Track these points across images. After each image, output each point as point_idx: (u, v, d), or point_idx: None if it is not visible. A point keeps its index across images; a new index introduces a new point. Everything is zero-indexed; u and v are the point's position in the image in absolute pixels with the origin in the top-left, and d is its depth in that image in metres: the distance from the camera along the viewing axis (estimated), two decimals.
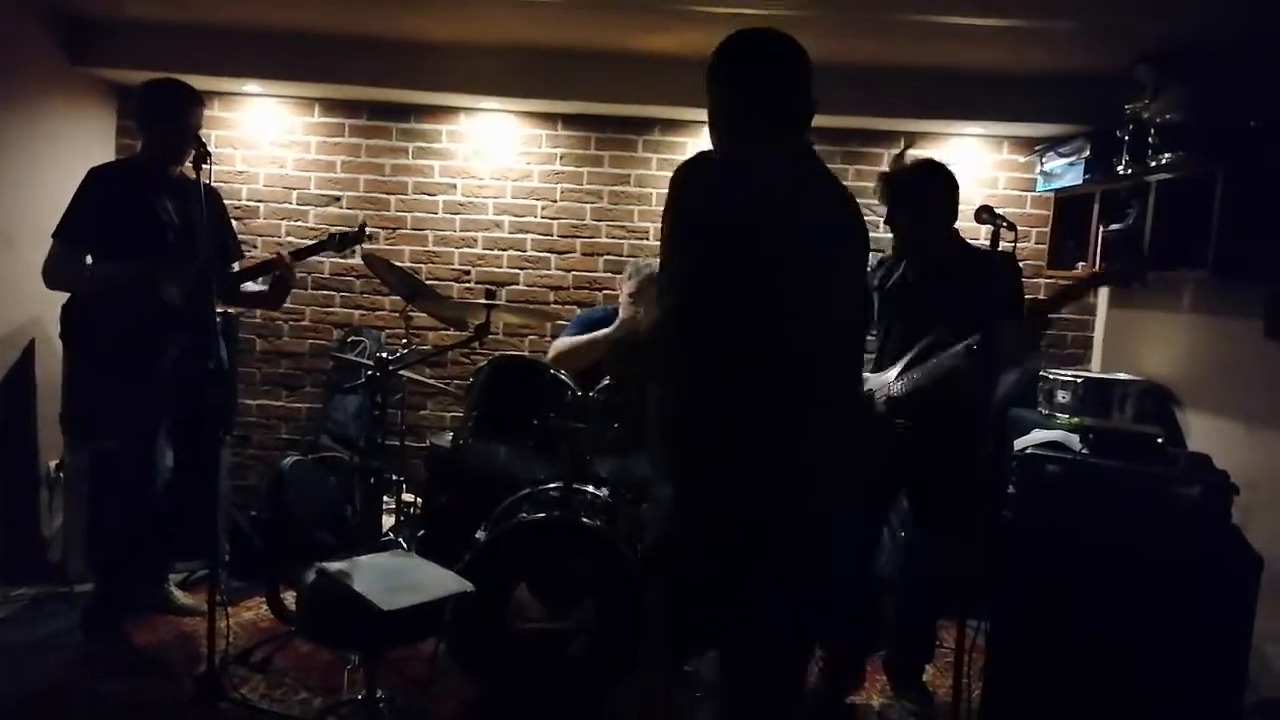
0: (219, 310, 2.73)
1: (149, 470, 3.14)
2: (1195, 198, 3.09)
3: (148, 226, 3.12)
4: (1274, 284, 3.01)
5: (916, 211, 2.93)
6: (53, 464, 3.86)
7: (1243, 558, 2.60)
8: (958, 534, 2.99)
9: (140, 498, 3.15)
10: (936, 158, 4.41)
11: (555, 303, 4.57)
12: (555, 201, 4.56)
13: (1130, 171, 3.49)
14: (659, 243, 1.84)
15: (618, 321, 3.50)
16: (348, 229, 3.47)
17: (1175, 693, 2.57)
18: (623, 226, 4.56)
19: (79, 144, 4.17)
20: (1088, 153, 3.81)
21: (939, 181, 2.94)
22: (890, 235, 3.07)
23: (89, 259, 3.13)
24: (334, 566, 2.48)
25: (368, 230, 3.48)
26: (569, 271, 4.58)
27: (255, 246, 4.33)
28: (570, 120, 4.51)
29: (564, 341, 3.58)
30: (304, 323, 4.60)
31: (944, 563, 3.02)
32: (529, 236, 4.57)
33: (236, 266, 3.42)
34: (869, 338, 3.06)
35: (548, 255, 4.58)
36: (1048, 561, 2.66)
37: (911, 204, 2.93)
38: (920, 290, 2.93)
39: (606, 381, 3.15)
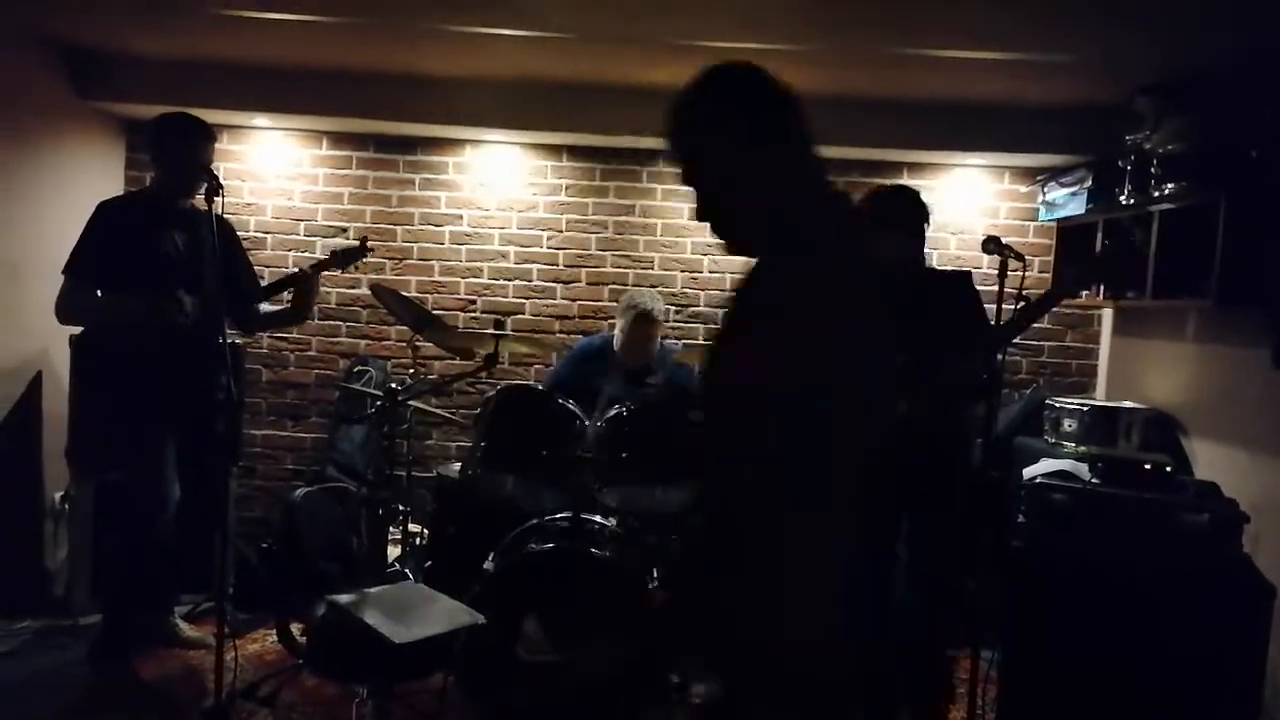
0: (228, 340, 2.74)
1: (157, 502, 3.14)
2: (1198, 227, 3.12)
3: (156, 259, 3.14)
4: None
5: (905, 232, 2.94)
6: (57, 496, 3.85)
7: (1254, 586, 2.60)
8: (959, 563, 2.98)
9: (148, 529, 3.14)
10: (939, 188, 4.50)
11: (561, 332, 4.58)
12: (561, 232, 4.59)
13: (1133, 201, 3.52)
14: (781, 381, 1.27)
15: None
16: (350, 245, 3.50)
17: None
18: (628, 256, 4.59)
19: (87, 177, 4.20)
20: (1090, 183, 3.85)
21: (915, 206, 2.96)
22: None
23: (99, 292, 3.15)
24: (344, 599, 2.47)
25: (370, 246, 3.49)
26: (574, 301, 4.60)
27: (263, 278, 4.32)
28: (575, 152, 4.55)
29: None
30: (310, 353, 4.61)
31: (946, 592, 3.01)
32: (535, 266, 4.59)
33: (264, 307, 3.47)
34: None
35: (554, 285, 4.60)
36: (1058, 590, 2.66)
37: (890, 228, 2.94)
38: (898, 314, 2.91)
39: (614, 411, 3.16)
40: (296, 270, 3.34)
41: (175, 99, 3.81)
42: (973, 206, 4.54)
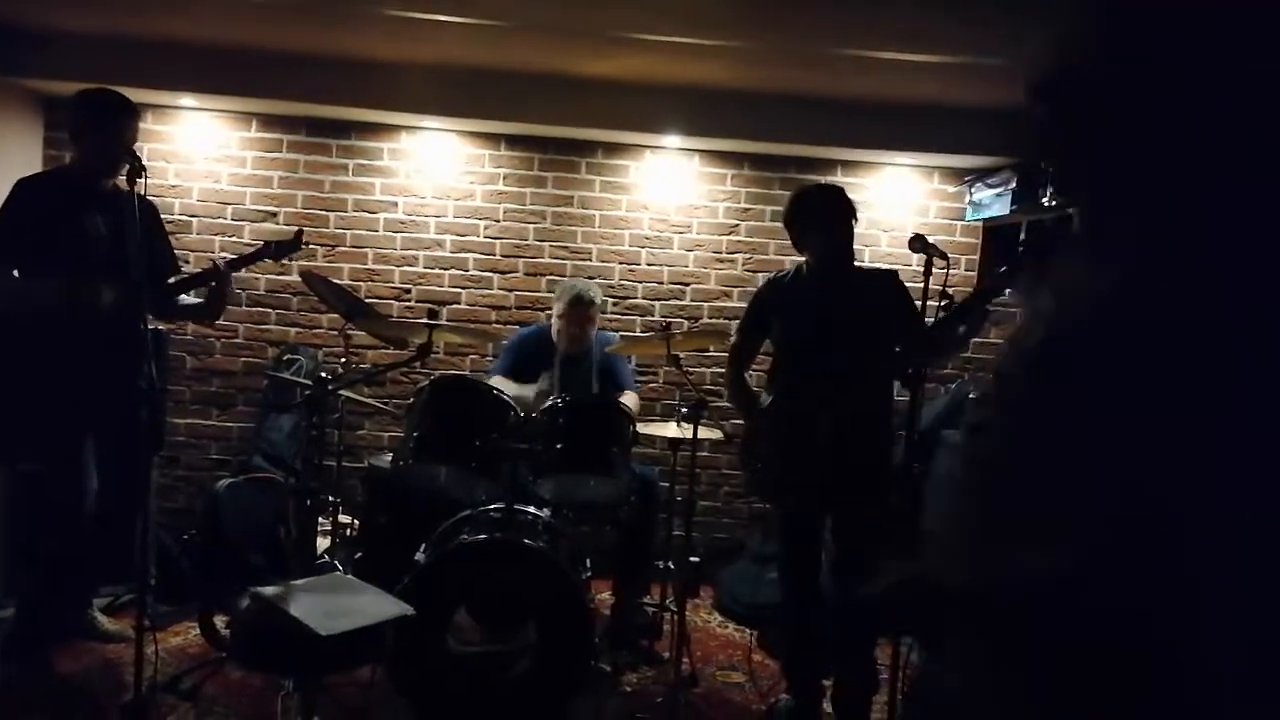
0: (150, 326, 2.67)
1: (74, 492, 3.05)
2: None
3: (76, 240, 3.04)
4: None
5: (829, 232, 2.96)
6: None
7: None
8: (883, 555, 3.04)
9: (65, 520, 3.05)
10: (871, 186, 4.59)
11: (497, 322, 4.56)
12: (498, 221, 4.56)
13: (1055, 203, 3.64)
14: None
15: None
16: (284, 238, 3.41)
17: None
18: (565, 247, 4.58)
19: (3, 155, 4.03)
20: (1014, 184, 3.97)
21: (846, 203, 2.97)
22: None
23: (15, 273, 3.03)
24: (269, 591, 2.43)
25: (304, 239, 3.41)
26: (511, 291, 4.58)
27: (188, 261, 4.22)
28: (514, 141, 4.53)
29: None
30: (237, 340, 4.51)
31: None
32: (471, 256, 4.56)
33: (182, 298, 3.34)
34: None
35: (490, 275, 4.57)
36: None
37: (823, 225, 2.96)
38: (833, 310, 2.95)
39: (549, 402, 3.16)
40: (209, 266, 3.24)
41: (98, 76, 3.67)
42: (904, 205, 4.64)
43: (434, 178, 4.53)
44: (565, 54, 3.81)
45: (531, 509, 3.11)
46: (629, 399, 3.67)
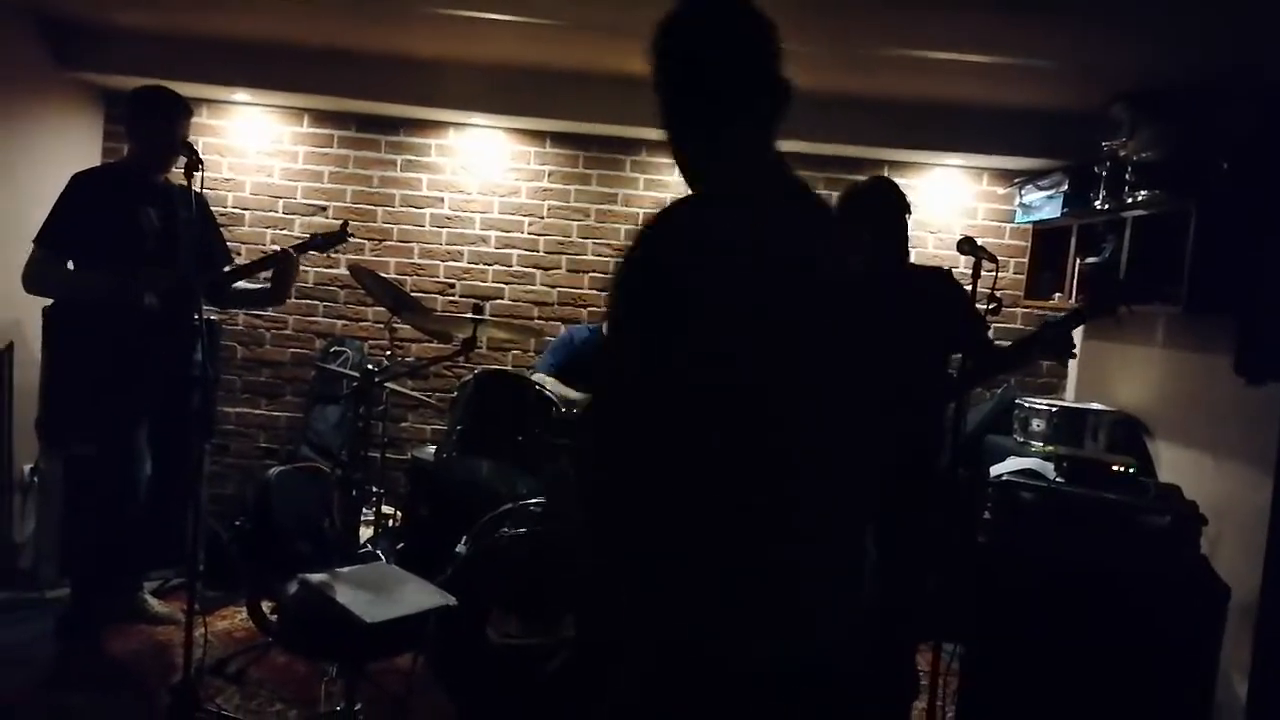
0: (203, 317, 2.73)
1: (127, 478, 3.13)
2: (1170, 234, 3.17)
3: (130, 233, 3.12)
4: (1243, 320, 3.08)
5: (879, 228, 2.83)
6: (27, 468, 3.82)
7: (1210, 587, 2.66)
8: (927, 561, 3.00)
9: (117, 504, 3.13)
10: (918, 187, 4.54)
11: (539, 318, 4.59)
12: (542, 218, 4.59)
13: (1107, 207, 3.57)
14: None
15: None
16: (330, 230, 3.47)
17: (1144, 717, 2.62)
18: (609, 245, 4.60)
19: (64, 147, 4.15)
20: (1066, 187, 3.90)
21: (898, 198, 2.85)
22: None
23: (71, 264, 3.12)
24: (316, 578, 2.47)
25: (350, 231, 3.46)
26: (554, 288, 4.61)
27: (240, 254, 4.31)
28: (559, 138, 4.55)
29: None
30: (286, 331, 4.59)
31: (914, 591, 3.03)
32: (515, 252, 4.59)
33: (240, 284, 3.41)
34: None
35: (533, 271, 4.60)
36: (1021, 586, 2.71)
37: (874, 221, 2.83)
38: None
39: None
40: (279, 250, 3.32)
41: (156, 71, 3.78)
42: (952, 207, 4.59)
43: (480, 174, 4.57)
44: (612, 52, 3.82)
45: None
46: None
